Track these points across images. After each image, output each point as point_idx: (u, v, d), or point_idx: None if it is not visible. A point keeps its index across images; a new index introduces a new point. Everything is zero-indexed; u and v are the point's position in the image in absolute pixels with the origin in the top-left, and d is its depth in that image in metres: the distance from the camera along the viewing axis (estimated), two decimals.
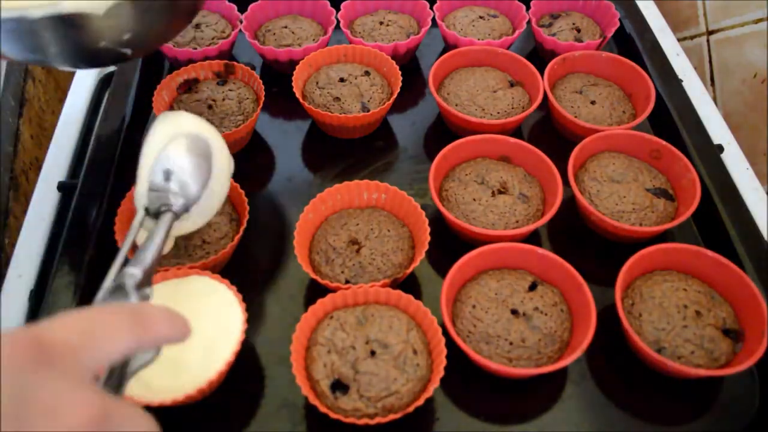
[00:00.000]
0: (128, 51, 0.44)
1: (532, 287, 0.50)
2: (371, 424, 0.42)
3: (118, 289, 0.35)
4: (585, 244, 0.58)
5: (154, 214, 0.44)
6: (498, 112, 0.64)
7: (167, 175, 0.44)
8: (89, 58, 0.46)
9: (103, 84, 0.72)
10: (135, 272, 0.36)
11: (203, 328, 0.45)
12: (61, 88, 0.87)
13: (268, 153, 0.65)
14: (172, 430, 0.46)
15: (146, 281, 0.37)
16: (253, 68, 0.68)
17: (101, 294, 0.35)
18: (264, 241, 0.57)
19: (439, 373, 0.44)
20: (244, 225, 0.52)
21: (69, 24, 0.39)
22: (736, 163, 0.66)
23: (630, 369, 0.49)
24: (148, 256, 0.38)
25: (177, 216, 0.44)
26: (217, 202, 0.47)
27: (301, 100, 0.62)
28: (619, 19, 0.74)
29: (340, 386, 0.44)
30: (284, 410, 0.47)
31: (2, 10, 0.37)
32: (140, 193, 0.44)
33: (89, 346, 0.24)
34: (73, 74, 0.74)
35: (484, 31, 0.73)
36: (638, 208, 0.56)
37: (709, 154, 0.61)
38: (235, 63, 0.65)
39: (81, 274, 0.50)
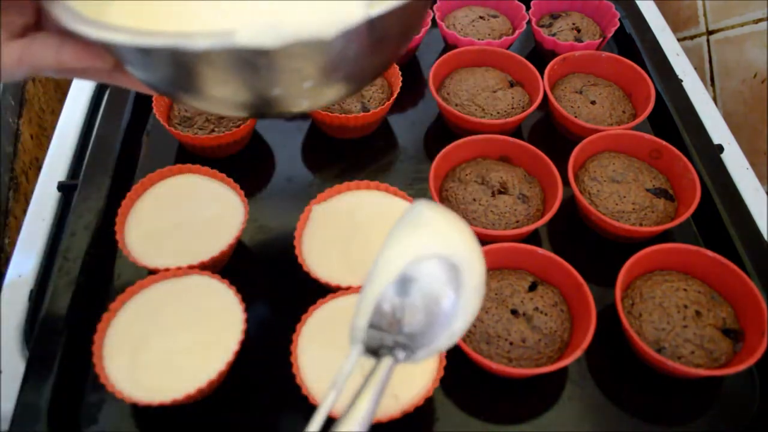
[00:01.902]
0: (305, 103, 0.32)
1: (532, 287, 0.50)
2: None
3: None
4: (585, 244, 0.58)
5: (372, 351, 0.33)
6: (498, 112, 0.64)
7: (394, 316, 0.32)
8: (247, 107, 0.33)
9: (103, 84, 0.72)
10: None
11: (203, 328, 0.45)
12: (61, 88, 0.87)
13: (268, 153, 0.65)
14: (172, 430, 0.46)
15: None
16: None
17: None
18: (264, 241, 0.57)
19: (439, 373, 0.44)
20: (244, 225, 0.52)
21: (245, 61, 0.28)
22: (736, 163, 0.66)
23: (630, 369, 0.49)
24: (364, 417, 0.29)
25: (398, 362, 0.32)
26: (456, 339, 0.33)
27: None
28: (619, 19, 0.74)
29: None
30: (284, 410, 0.47)
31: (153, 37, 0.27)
32: (358, 327, 0.33)
33: None
34: None
35: (484, 31, 0.73)
36: (638, 208, 0.56)
37: (709, 154, 0.61)
38: None
39: (81, 275, 0.50)
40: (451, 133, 0.66)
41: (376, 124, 0.66)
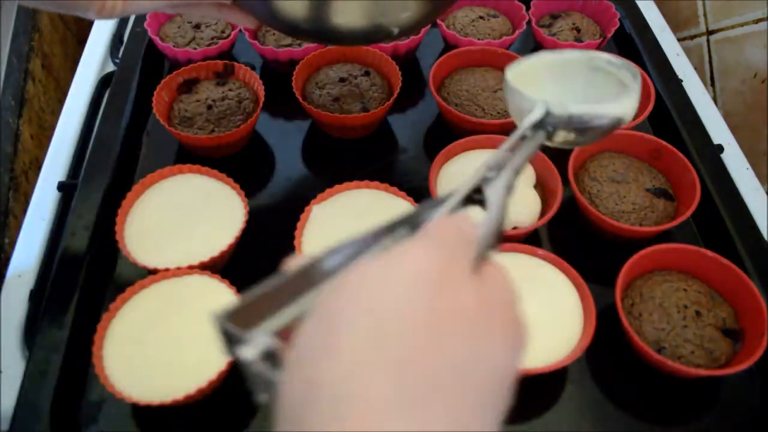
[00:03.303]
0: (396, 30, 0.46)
1: None
2: None
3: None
4: (585, 244, 0.58)
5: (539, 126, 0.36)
6: (498, 112, 0.64)
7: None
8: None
9: (103, 84, 0.72)
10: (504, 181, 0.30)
11: (203, 328, 0.45)
12: (61, 88, 0.87)
13: (268, 153, 0.65)
14: (172, 430, 0.46)
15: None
16: (253, 68, 0.68)
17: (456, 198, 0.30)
18: (264, 241, 0.57)
19: None
20: (244, 225, 0.52)
21: None
22: (736, 163, 0.66)
23: (630, 369, 0.49)
24: (518, 165, 0.31)
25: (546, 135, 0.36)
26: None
27: (301, 100, 0.62)
28: (619, 19, 0.74)
29: None
30: None
31: None
32: (563, 105, 0.35)
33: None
34: (73, 74, 0.74)
35: (484, 31, 0.73)
36: (638, 208, 0.56)
37: (709, 154, 0.61)
38: (235, 63, 0.65)
39: (81, 275, 0.50)
40: (451, 133, 0.66)
41: (376, 124, 0.66)
